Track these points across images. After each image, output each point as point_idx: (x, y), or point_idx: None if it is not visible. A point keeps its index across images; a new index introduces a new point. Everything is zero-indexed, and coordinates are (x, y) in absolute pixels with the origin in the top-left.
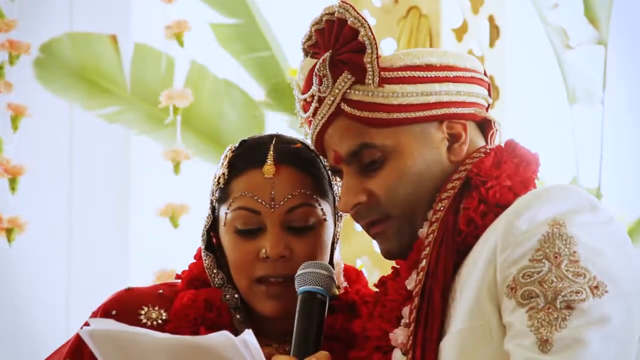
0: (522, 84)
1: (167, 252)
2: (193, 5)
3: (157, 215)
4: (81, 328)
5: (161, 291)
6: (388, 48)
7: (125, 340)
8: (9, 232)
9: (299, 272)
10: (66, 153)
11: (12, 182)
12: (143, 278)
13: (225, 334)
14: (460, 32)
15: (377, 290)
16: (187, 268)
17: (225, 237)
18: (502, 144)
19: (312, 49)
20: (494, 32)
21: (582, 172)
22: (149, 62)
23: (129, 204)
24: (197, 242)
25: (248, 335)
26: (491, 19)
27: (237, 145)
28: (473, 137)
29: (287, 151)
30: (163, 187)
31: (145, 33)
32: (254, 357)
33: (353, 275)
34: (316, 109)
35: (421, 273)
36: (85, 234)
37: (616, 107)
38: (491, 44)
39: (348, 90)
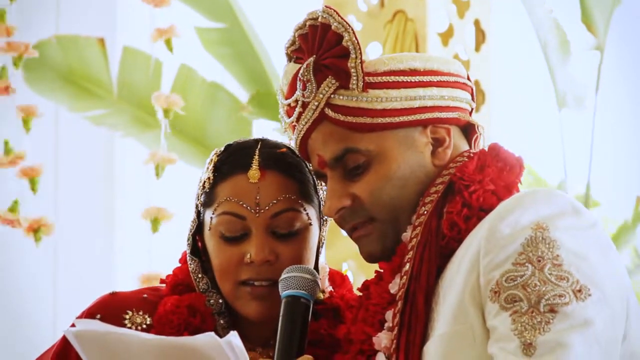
0: (508, 88)
1: (150, 255)
2: (180, 8)
3: (140, 218)
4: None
5: (145, 295)
6: (374, 52)
7: (111, 341)
8: None
9: (283, 276)
10: (51, 154)
11: None
12: (128, 281)
13: (211, 335)
14: (446, 36)
15: (360, 294)
16: (171, 272)
17: (210, 241)
18: (486, 148)
19: (295, 54)
20: (480, 36)
21: (570, 177)
22: (136, 65)
23: (114, 206)
24: (178, 246)
25: (233, 337)
26: (477, 23)
27: (222, 149)
28: (457, 142)
29: (273, 156)
30: (145, 191)
31: (132, 36)
32: (238, 358)
33: (338, 279)
34: (300, 114)
35: (404, 277)
36: (70, 235)
37: (607, 112)
38: (477, 48)
39: (332, 95)
